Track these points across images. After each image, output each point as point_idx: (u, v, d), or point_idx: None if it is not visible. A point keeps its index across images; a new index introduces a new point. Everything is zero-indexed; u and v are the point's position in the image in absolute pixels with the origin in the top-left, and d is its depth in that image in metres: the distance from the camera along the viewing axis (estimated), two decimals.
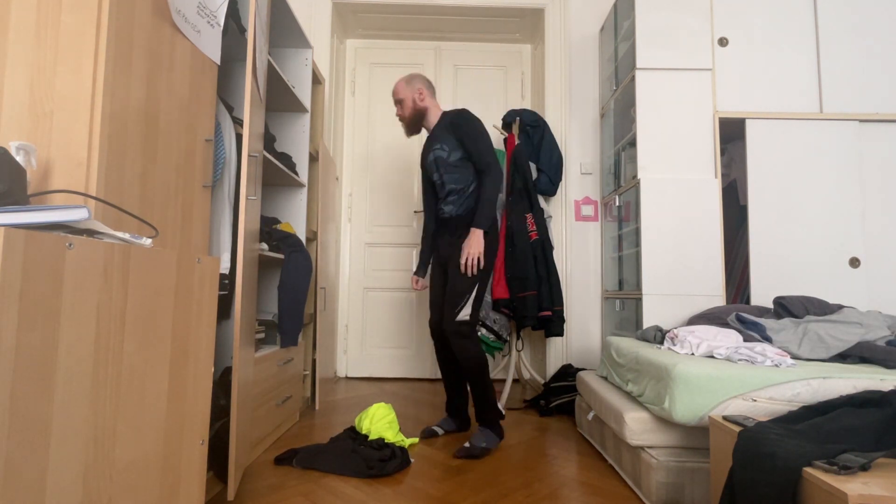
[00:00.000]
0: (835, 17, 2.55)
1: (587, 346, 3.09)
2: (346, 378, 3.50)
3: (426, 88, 2.24)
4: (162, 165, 1.33)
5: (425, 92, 2.23)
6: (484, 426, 2.04)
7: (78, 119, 1.09)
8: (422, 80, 2.25)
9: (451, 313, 2.04)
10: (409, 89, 2.23)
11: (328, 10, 3.23)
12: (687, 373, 1.48)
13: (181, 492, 1.03)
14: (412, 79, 2.25)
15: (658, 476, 1.49)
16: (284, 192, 2.56)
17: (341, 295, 3.55)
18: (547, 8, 3.27)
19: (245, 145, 1.51)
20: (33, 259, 0.67)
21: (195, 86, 1.48)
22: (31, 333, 0.66)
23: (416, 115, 2.23)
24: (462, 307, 2.04)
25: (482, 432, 2.02)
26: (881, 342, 1.76)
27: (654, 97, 2.56)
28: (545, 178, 3.02)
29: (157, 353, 0.95)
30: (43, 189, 1.07)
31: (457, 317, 2.04)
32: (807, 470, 0.99)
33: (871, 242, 2.45)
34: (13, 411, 0.64)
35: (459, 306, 2.04)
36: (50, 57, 1.10)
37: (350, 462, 1.76)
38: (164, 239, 1.34)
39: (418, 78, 2.25)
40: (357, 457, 1.78)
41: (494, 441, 2.01)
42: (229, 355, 1.91)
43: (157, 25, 1.30)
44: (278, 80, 2.24)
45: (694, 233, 2.47)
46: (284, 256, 2.15)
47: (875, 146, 2.49)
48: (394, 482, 1.68)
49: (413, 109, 2.22)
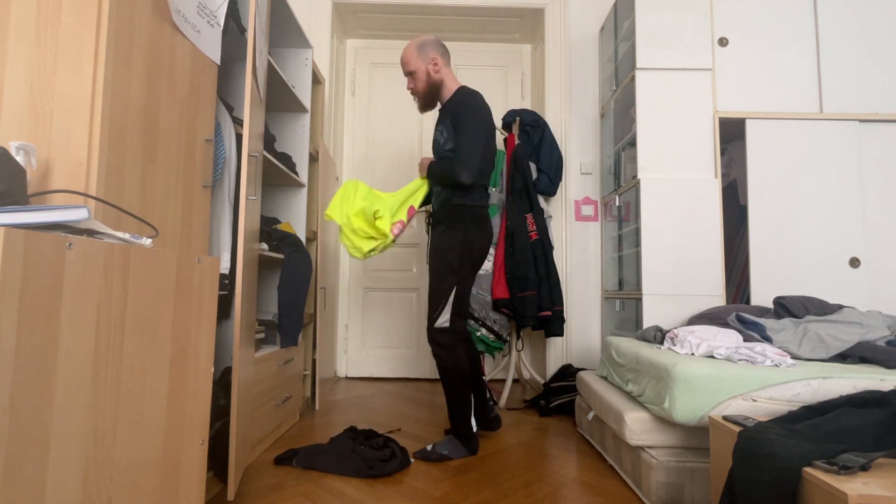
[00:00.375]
0: (835, 17, 2.55)
1: (587, 346, 3.09)
2: (346, 378, 3.50)
3: (441, 56, 1.97)
4: (162, 165, 1.33)
5: (440, 61, 1.96)
6: (453, 436, 1.94)
7: (78, 119, 1.09)
8: (435, 47, 1.96)
9: (429, 319, 1.93)
10: (422, 59, 1.95)
11: (328, 10, 3.23)
12: (687, 373, 1.48)
13: (181, 492, 1.03)
14: (423, 45, 1.96)
15: (658, 476, 1.49)
16: (284, 192, 2.56)
17: (341, 295, 3.55)
18: (547, 8, 3.27)
19: (245, 145, 1.51)
20: (33, 259, 0.67)
21: (195, 86, 1.48)
22: (31, 333, 0.66)
23: (432, 89, 1.98)
24: (440, 313, 1.89)
25: (450, 441, 1.93)
26: (881, 342, 1.76)
27: (654, 97, 2.56)
28: (545, 178, 3.02)
29: (157, 353, 0.95)
30: (43, 189, 1.07)
31: (434, 323, 1.91)
32: (807, 470, 0.99)
33: (871, 242, 2.44)
34: (13, 411, 0.64)
35: (437, 312, 1.90)
36: (50, 57, 1.10)
37: (350, 462, 1.76)
38: (164, 239, 1.34)
39: (431, 44, 1.96)
40: (357, 457, 1.78)
41: (460, 453, 1.92)
42: (229, 355, 1.91)
43: (157, 25, 1.29)
44: (278, 80, 2.24)
45: (694, 233, 2.47)
46: (284, 256, 2.15)
47: (875, 146, 2.49)
48: (394, 482, 1.68)
49: (427, 83, 1.97)
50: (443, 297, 1.90)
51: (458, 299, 1.91)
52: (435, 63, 1.96)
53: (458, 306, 1.91)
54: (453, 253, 1.91)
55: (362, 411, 2.58)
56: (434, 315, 1.91)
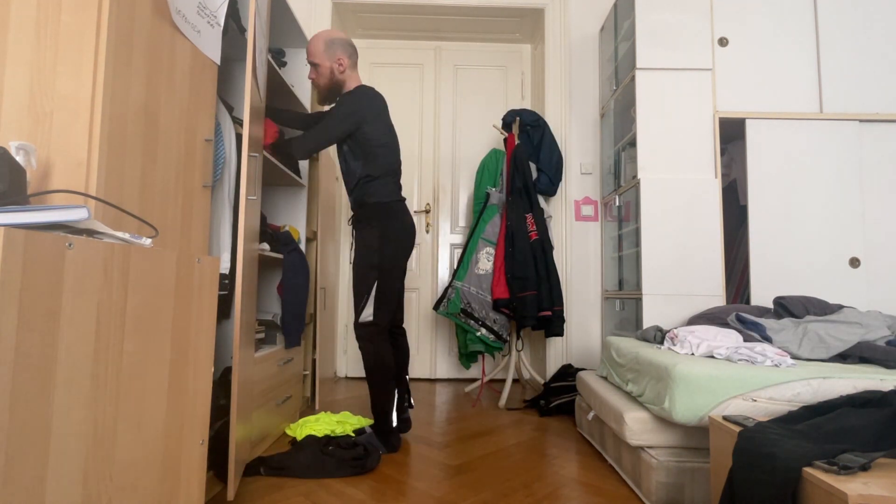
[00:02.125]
0: (835, 17, 2.55)
1: (587, 346, 3.09)
2: (346, 378, 3.50)
3: (348, 58, 2.01)
4: (162, 165, 1.33)
5: (346, 62, 2.00)
6: (373, 432, 1.96)
7: (78, 119, 1.09)
8: (343, 47, 2.00)
9: (356, 314, 1.96)
10: (328, 55, 1.99)
11: (328, 10, 3.23)
12: (687, 373, 1.48)
13: (181, 492, 1.03)
14: (332, 43, 1.99)
15: (658, 476, 1.49)
16: (284, 192, 2.56)
17: (341, 295, 3.54)
18: (547, 8, 3.27)
19: (245, 145, 1.51)
20: (33, 259, 0.67)
21: (195, 86, 1.48)
22: (31, 333, 0.66)
23: (333, 86, 2.03)
24: (363, 307, 1.93)
25: (369, 437, 1.94)
26: (881, 342, 1.76)
27: (654, 97, 2.56)
28: (545, 177, 3.02)
29: (157, 353, 0.95)
30: (43, 189, 1.07)
31: (359, 318, 1.95)
32: (807, 470, 0.99)
33: (871, 242, 2.44)
34: (13, 411, 0.64)
35: (360, 306, 1.94)
36: (50, 57, 1.10)
37: (326, 464, 1.73)
38: (163, 239, 1.34)
39: (340, 43, 2.00)
40: (331, 459, 1.75)
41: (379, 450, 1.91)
42: (229, 355, 1.91)
43: (157, 25, 1.29)
44: (278, 80, 2.24)
45: (694, 233, 2.47)
46: (283, 256, 2.15)
47: (875, 146, 2.49)
48: (394, 482, 1.68)
49: (330, 80, 2.01)
50: (365, 292, 1.94)
51: (380, 293, 1.94)
52: (341, 64, 2.01)
53: (380, 300, 1.94)
54: (371, 249, 1.96)
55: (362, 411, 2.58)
56: (358, 310, 1.96)
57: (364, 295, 1.94)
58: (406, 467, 1.82)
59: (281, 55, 2.45)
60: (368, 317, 1.94)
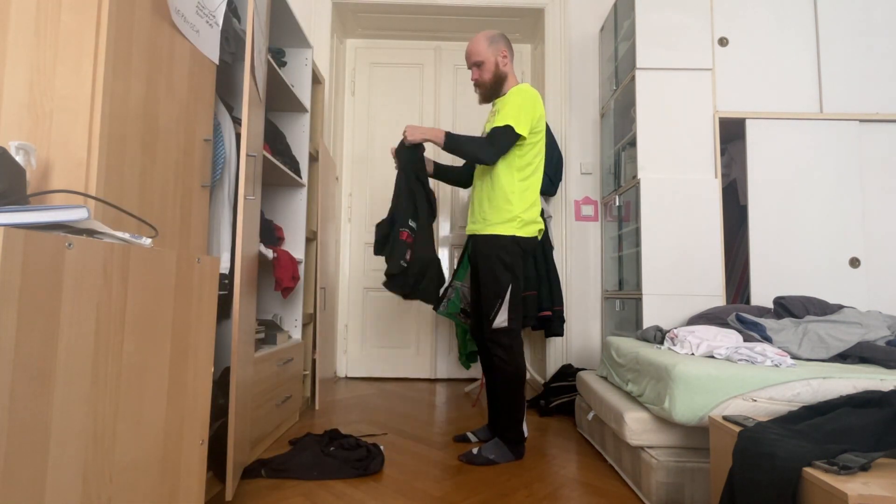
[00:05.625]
0: (835, 17, 2.55)
1: (587, 346, 3.09)
2: (346, 378, 3.50)
3: (510, 52, 2.00)
4: (161, 165, 1.33)
5: (509, 56, 1.99)
6: (500, 440, 1.91)
7: (78, 119, 1.09)
8: (505, 42, 1.99)
9: (487, 321, 1.91)
10: (493, 50, 1.97)
11: (328, 10, 3.23)
12: (687, 373, 1.48)
13: (181, 492, 1.03)
14: (495, 38, 1.98)
15: (658, 476, 1.49)
16: (284, 192, 2.56)
17: (341, 295, 3.54)
18: (547, 8, 3.27)
19: (244, 145, 1.51)
20: (33, 259, 0.67)
21: (194, 86, 1.48)
22: (31, 333, 0.66)
23: (497, 81, 1.99)
24: (497, 313, 1.88)
25: (496, 445, 1.90)
26: (881, 342, 1.76)
27: (654, 97, 2.56)
28: (545, 177, 3.01)
29: (156, 352, 0.95)
30: (43, 189, 1.07)
31: (493, 324, 1.89)
32: (807, 470, 0.99)
33: (871, 242, 2.44)
34: (13, 411, 0.64)
35: (493, 313, 1.89)
36: (50, 57, 1.10)
37: (328, 466, 1.72)
38: (163, 239, 1.34)
39: (502, 39, 1.99)
40: (333, 460, 1.74)
41: (506, 457, 1.89)
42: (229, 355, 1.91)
43: (157, 25, 1.29)
44: (278, 80, 2.24)
45: (694, 233, 2.47)
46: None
47: (875, 146, 2.49)
48: (393, 482, 1.68)
49: (495, 74, 1.97)
50: (499, 296, 1.88)
51: (514, 297, 1.89)
52: (504, 56, 1.98)
53: (514, 307, 1.89)
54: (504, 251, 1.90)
55: (362, 411, 2.58)
56: (490, 317, 1.88)
57: (496, 299, 1.87)
58: (406, 467, 1.82)
59: (281, 55, 2.45)
60: (503, 322, 1.86)
